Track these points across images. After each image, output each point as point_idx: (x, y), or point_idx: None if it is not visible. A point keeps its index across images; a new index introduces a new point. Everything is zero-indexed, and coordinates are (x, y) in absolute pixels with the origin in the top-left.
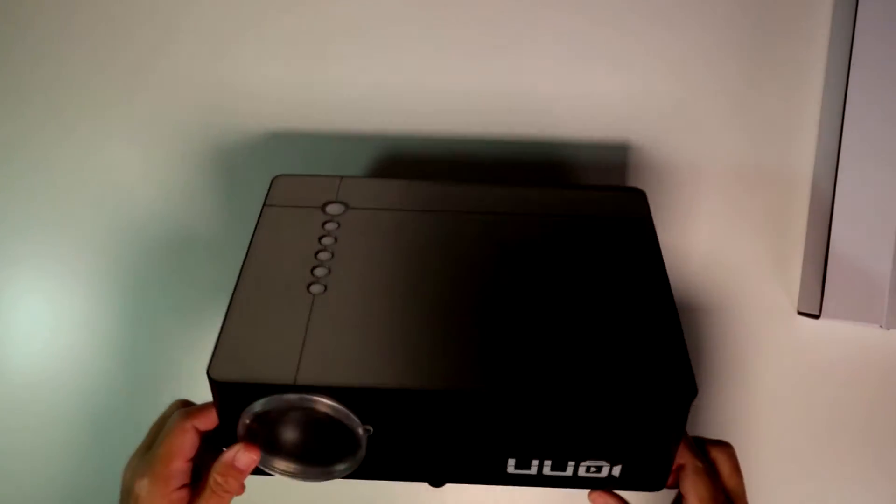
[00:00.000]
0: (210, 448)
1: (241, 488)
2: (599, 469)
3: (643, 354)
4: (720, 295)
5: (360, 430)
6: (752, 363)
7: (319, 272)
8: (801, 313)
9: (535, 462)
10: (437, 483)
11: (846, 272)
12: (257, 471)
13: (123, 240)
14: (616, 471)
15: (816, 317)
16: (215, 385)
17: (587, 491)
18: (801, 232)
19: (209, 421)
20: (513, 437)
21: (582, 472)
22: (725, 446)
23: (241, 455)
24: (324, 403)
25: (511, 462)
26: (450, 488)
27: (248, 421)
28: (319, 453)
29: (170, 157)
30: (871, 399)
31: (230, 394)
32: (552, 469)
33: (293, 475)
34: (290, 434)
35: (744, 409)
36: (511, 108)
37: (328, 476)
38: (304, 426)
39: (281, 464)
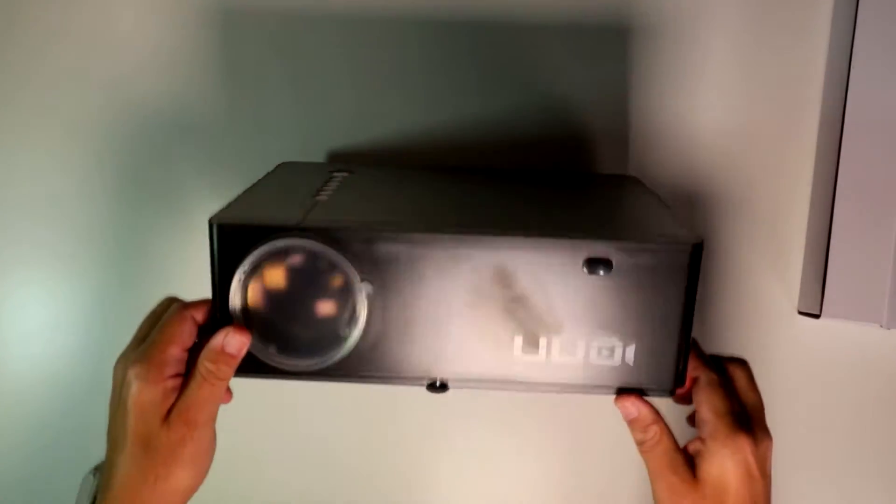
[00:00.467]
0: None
1: (228, 393)
2: (612, 352)
3: (646, 219)
4: (720, 295)
5: (360, 286)
6: (753, 363)
7: (330, 185)
8: (801, 313)
9: (542, 343)
10: (438, 385)
11: (846, 272)
12: (249, 371)
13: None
14: (629, 355)
15: (816, 317)
16: (215, 231)
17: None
18: (801, 232)
19: (206, 314)
20: (520, 294)
21: (593, 356)
22: (741, 362)
23: (231, 338)
24: (323, 249)
25: (518, 342)
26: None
27: (243, 276)
28: (314, 342)
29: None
30: (871, 399)
31: (229, 241)
32: (561, 353)
33: (287, 364)
34: (284, 317)
35: None
36: None
37: (323, 361)
38: (299, 305)
39: (274, 352)
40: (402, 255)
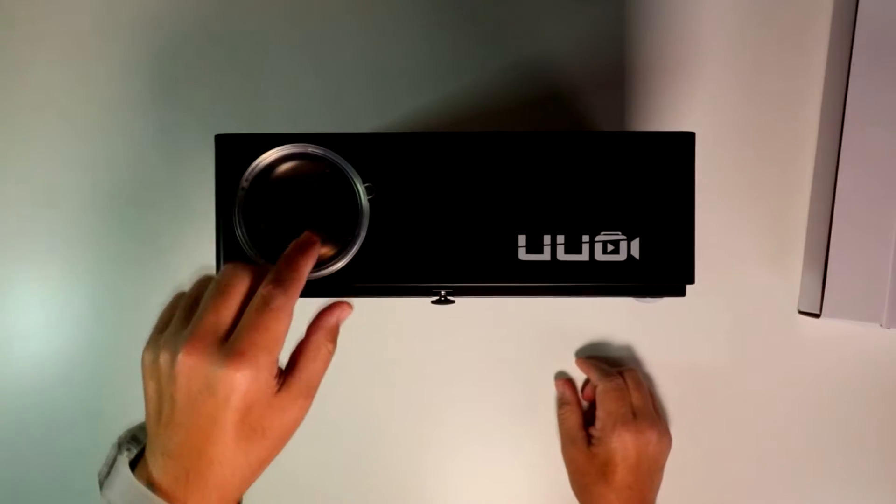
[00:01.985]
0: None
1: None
2: (617, 247)
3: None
4: (720, 295)
5: (363, 189)
6: (753, 363)
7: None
8: (801, 313)
9: (546, 241)
10: (443, 298)
11: (846, 272)
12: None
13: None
14: (635, 249)
15: (816, 316)
16: (218, 142)
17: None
18: (801, 232)
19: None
20: (522, 192)
21: (599, 254)
22: (630, 371)
23: (344, 313)
24: (324, 153)
25: (522, 240)
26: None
27: (246, 184)
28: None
29: None
30: (871, 399)
31: (231, 152)
32: (566, 252)
33: None
34: (287, 227)
35: (744, 409)
36: None
37: (329, 264)
38: (302, 213)
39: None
40: (402, 157)
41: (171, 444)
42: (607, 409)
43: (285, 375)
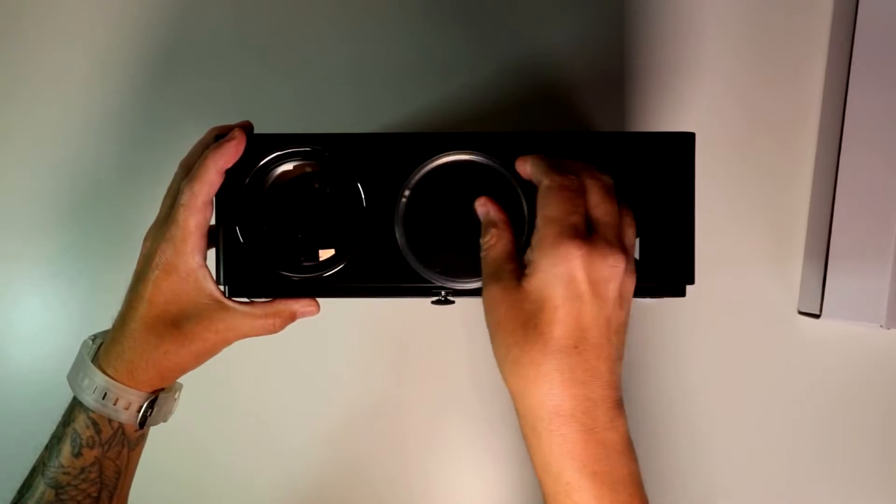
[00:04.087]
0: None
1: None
2: None
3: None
4: (720, 295)
5: (363, 192)
6: (753, 363)
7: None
8: (801, 313)
9: None
10: (444, 299)
11: (846, 272)
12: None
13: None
14: (636, 249)
15: (816, 317)
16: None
17: None
18: (801, 232)
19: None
20: (522, 192)
21: None
22: (602, 175)
23: (306, 310)
24: (325, 153)
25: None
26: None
27: (246, 185)
28: (312, 251)
29: None
30: (871, 399)
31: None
32: None
33: (295, 274)
34: (296, 227)
35: (744, 409)
36: None
37: (330, 265)
38: (307, 214)
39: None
40: (402, 157)
41: (117, 316)
42: (547, 214)
43: (228, 307)
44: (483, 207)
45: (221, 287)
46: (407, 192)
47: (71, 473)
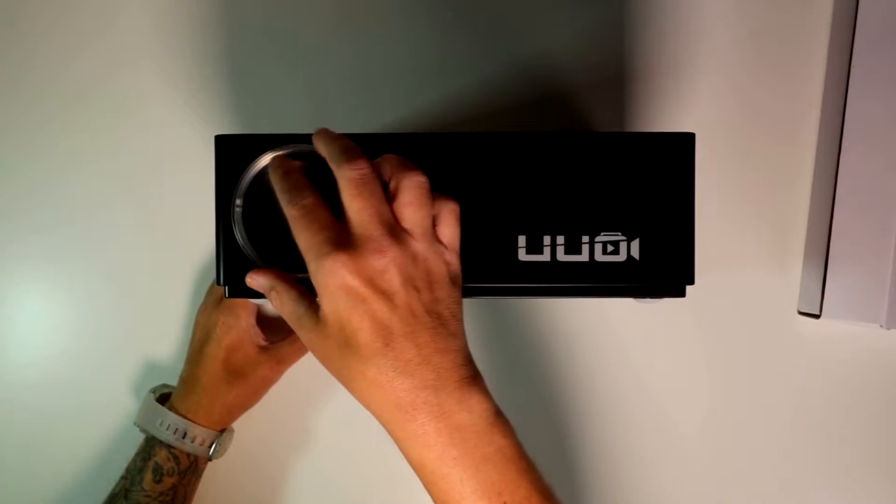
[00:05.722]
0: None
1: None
2: (617, 248)
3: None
4: (720, 295)
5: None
6: (753, 363)
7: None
8: (801, 313)
9: (546, 242)
10: None
11: (846, 272)
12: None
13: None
14: (635, 249)
15: (816, 317)
16: (218, 143)
17: None
18: (801, 232)
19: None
20: (522, 192)
21: (599, 254)
22: (417, 173)
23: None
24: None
25: (522, 241)
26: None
27: (246, 185)
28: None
29: None
30: (871, 399)
31: (231, 152)
32: (566, 252)
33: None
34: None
35: (744, 409)
36: None
37: None
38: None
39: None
40: (403, 155)
41: (183, 374)
42: (300, 246)
43: (270, 348)
44: (252, 282)
45: (221, 287)
46: (239, 201)
47: (151, 496)
